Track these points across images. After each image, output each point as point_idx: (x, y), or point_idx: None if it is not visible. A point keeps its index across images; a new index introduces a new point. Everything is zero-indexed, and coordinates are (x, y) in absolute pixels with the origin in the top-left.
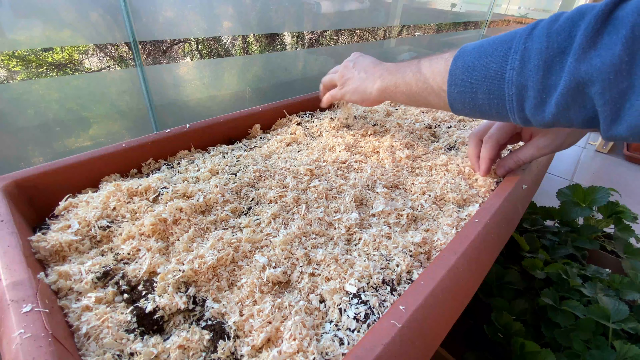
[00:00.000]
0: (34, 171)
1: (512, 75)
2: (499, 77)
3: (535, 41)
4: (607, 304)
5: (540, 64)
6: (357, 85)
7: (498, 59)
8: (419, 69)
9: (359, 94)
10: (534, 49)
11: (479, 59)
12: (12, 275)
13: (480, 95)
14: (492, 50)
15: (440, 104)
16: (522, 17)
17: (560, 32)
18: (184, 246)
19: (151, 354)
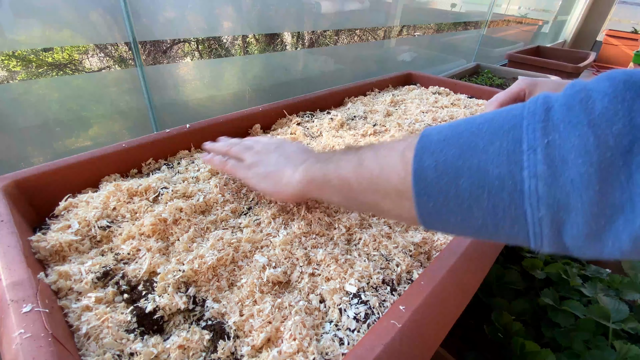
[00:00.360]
0: (34, 171)
1: (535, 187)
2: (511, 188)
3: (566, 132)
4: (607, 304)
5: (591, 172)
6: (270, 170)
7: (500, 157)
8: (360, 161)
9: (272, 181)
10: (569, 146)
11: (462, 156)
12: (12, 275)
13: (477, 212)
14: (483, 142)
15: (402, 214)
16: (522, 17)
17: (613, 120)
18: (184, 246)
19: (151, 354)
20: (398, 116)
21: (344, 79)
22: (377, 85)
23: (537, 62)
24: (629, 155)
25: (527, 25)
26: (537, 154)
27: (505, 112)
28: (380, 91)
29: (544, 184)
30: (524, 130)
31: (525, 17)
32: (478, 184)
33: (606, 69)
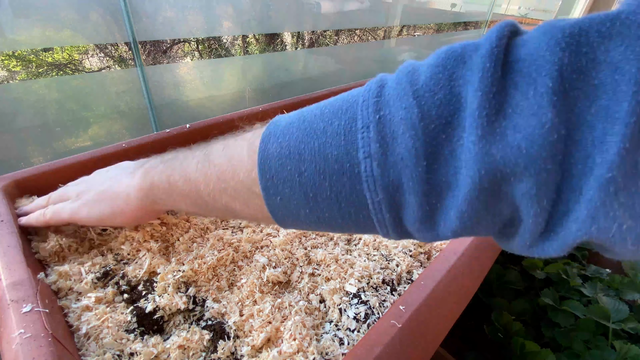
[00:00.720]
0: (34, 171)
1: (371, 169)
2: (350, 172)
3: (395, 106)
4: (607, 304)
5: (418, 147)
6: (102, 189)
7: (338, 138)
8: (207, 155)
9: (107, 203)
10: (397, 120)
11: (304, 140)
12: (12, 275)
13: (322, 202)
14: (324, 124)
15: (256, 215)
16: (522, 17)
17: (434, 90)
18: (184, 246)
19: (151, 354)
20: None
21: (344, 79)
22: None
23: None
24: (449, 128)
25: (527, 25)
26: (370, 131)
27: (347, 93)
28: None
29: (377, 164)
30: (359, 108)
31: (525, 17)
32: (320, 170)
33: None
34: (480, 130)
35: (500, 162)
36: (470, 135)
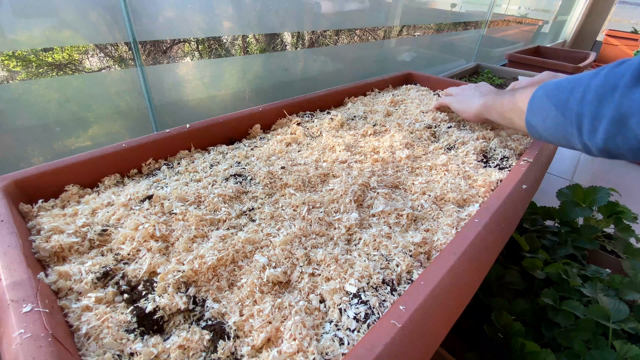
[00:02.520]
0: (34, 171)
1: (573, 105)
2: (564, 106)
3: (598, 79)
4: (607, 304)
5: (595, 97)
6: (464, 98)
7: (567, 91)
8: (513, 94)
9: (463, 104)
10: (594, 85)
11: (554, 91)
12: (12, 275)
13: (549, 120)
14: (566, 84)
15: (522, 125)
16: (522, 17)
17: (617, 74)
18: (184, 246)
19: (151, 354)
20: (398, 116)
21: (344, 79)
22: (377, 85)
23: (537, 62)
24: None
25: (527, 25)
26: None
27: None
28: (380, 91)
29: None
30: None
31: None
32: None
33: None
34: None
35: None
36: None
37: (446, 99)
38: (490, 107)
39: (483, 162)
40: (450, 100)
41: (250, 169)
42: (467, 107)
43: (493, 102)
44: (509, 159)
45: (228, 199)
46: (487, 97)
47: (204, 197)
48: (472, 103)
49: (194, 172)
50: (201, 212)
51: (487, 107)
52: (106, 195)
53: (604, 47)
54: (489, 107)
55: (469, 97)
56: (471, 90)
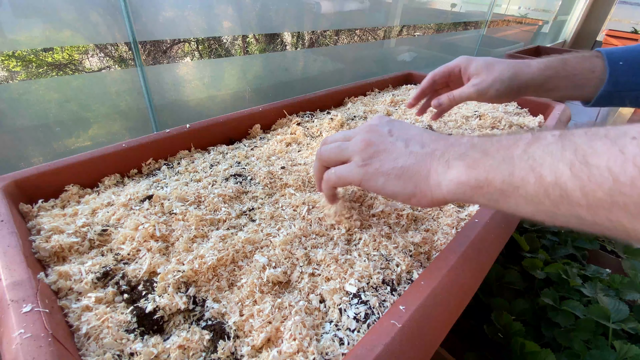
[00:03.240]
0: (34, 171)
1: None
2: None
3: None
4: (607, 304)
5: None
6: (403, 165)
7: None
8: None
9: (409, 182)
10: None
11: None
12: (12, 275)
13: None
14: None
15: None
16: (522, 17)
17: None
18: (184, 246)
19: (151, 354)
20: (398, 116)
21: (344, 79)
22: (377, 85)
23: None
24: None
25: (527, 25)
26: None
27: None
28: (380, 91)
29: None
30: None
31: (525, 17)
32: None
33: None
34: None
35: None
36: None
37: (345, 174)
38: (497, 188)
39: None
40: (359, 174)
41: (250, 169)
42: (419, 189)
43: (506, 178)
44: None
45: (228, 199)
46: (469, 162)
47: (204, 197)
48: (431, 179)
49: (194, 172)
50: (201, 212)
51: (488, 189)
52: (106, 195)
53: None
54: (494, 189)
55: (414, 163)
56: (397, 142)
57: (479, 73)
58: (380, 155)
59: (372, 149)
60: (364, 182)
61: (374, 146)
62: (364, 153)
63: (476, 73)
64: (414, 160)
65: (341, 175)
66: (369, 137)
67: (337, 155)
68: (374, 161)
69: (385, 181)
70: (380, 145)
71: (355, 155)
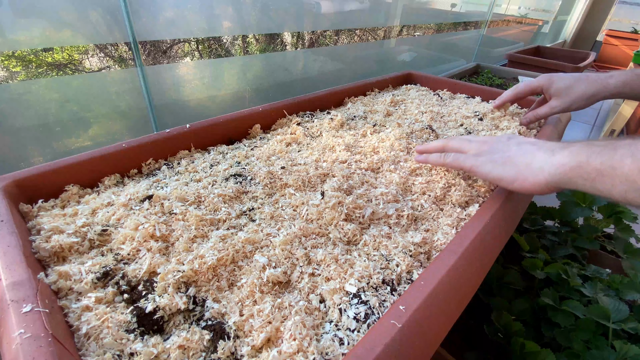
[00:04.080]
0: (34, 171)
1: None
2: None
3: None
4: (607, 304)
5: None
6: (510, 155)
7: None
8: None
9: (514, 167)
10: None
11: None
12: (12, 275)
13: None
14: None
15: None
16: (522, 17)
17: None
18: (184, 246)
19: (151, 354)
20: (398, 116)
21: (344, 79)
22: (377, 85)
23: (537, 62)
24: None
25: (527, 25)
26: None
27: None
28: (380, 91)
29: None
30: None
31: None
32: None
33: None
34: None
35: None
36: None
37: (461, 159)
38: (597, 171)
39: None
40: (474, 162)
41: (250, 169)
42: (523, 172)
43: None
44: None
45: (228, 199)
46: (571, 150)
47: (204, 197)
48: (535, 163)
49: (194, 172)
50: (201, 212)
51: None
52: (106, 195)
53: (604, 47)
54: (593, 171)
55: (520, 153)
56: (502, 143)
57: (559, 95)
58: (494, 151)
59: (487, 147)
60: (474, 168)
61: (490, 145)
62: (480, 148)
63: (557, 95)
64: (522, 151)
65: (457, 158)
66: (487, 139)
67: (460, 146)
68: (486, 154)
69: (493, 167)
70: (495, 145)
71: (472, 150)
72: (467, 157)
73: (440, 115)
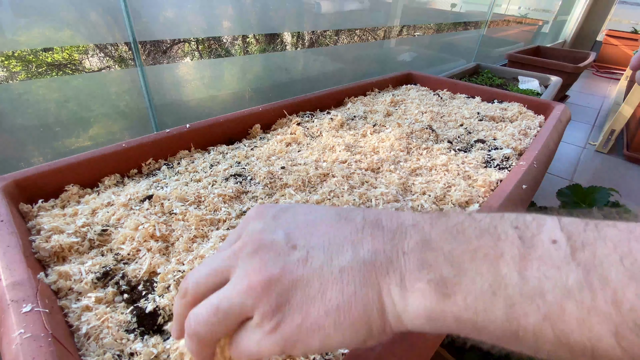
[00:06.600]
0: (34, 171)
1: None
2: None
3: None
4: None
5: None
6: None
7: None
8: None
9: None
10: None
11: None
12: (12, 275)
13: None
14: None
15: None
16: (522, 17)
17: None
18: (184, 246)
19: (151, 354)
20: (398, 116)
21: (344, 79)
22: (377, 85)
23: (537, 62)
24: None
25: (527, 25)
26: None
27: None
28: (380, 91)
29: None
30: None
31: (525, 17)
32: None
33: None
34: None
35: None
36: None
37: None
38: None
39: (483, 162)
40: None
41: (250, 169)
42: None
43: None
44: (509, 159)
45: (228, 199)
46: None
47: (204, 197)
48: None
49: (194, 172)
50: (201, 212)
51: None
52: (106, 195)
53: (604, 47)
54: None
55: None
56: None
57: None
58: (295, 297)
59: (276, 291)
60: (288, 352)
61: (277, 284)
62: (265, 306)
63: None
64: (352, 287)
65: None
66: (261, 269)
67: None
68: (288, 313)
69: (324, 337)
70: (286, 276)
71: (254, 315)
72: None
73: (440, 115)
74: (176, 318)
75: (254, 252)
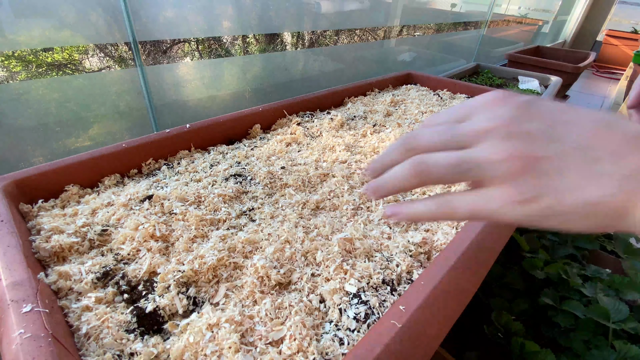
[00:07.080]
0: (34, 171)
1: None
2: None
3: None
4: (607, 304)
5: None
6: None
7: None
8: None
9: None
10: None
11: None
12: (12, 275)
13: None
14: None
15: None
16: (522, 17)
17: None
18: (184, 246)
19: (151, 354)
20: (398, 116)
21: (344, 79)
22: (377, 85)
23: (537, 62)
24: None
25: (527, 25)
26: None
27: None
28: (380, 91)
29: None
30: None
31: (525, 17)
32: None
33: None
34: None
35: None
36: None
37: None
38: None
39: None
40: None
41: (250, 169)
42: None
43: None
44: None
45: (228, 199)
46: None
47: (204, 197)
48: None
49: (194, 172)
50: (201, 212)
51: None
52: (106, 195)
53: (604, 47)
54: None
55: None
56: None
57: None
58: (551, 181)
59: (533, 172)
60: (527, 224)
61: (534, 166)
62: (520, 181)
63: None
64: (608, 190)
65: (480, 211)
66: (517, 149)
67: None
68: (541, 193)
69: (565, 221)
70: (544, 163)
71: (502, 181)
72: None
73: None
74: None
75: (507, 135)
